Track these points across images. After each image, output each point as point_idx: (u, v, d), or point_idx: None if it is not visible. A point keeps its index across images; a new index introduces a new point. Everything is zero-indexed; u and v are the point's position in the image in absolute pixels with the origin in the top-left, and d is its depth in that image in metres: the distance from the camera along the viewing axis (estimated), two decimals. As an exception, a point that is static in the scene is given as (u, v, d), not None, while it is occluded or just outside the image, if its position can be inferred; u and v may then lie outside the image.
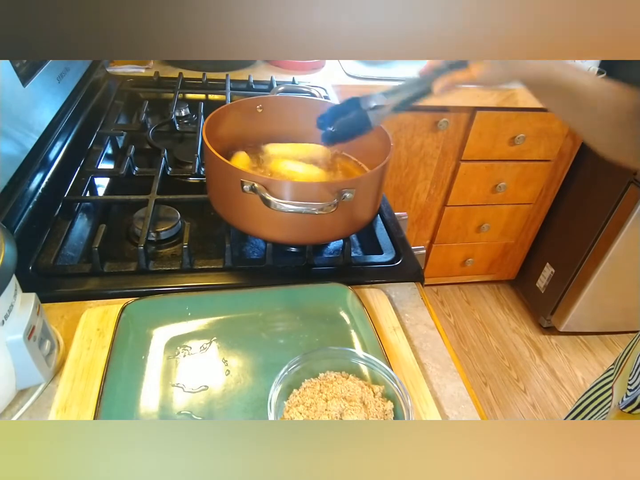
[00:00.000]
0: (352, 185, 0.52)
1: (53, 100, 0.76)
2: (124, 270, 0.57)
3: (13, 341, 0.39)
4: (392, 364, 0.49)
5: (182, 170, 0.75)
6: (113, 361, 0.45)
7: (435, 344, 0.54)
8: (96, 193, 0.71)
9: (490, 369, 1.64)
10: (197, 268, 0.58)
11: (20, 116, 0.65)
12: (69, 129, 0.80)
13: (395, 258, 0.64)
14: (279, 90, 0.79)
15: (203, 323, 0.52)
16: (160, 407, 0.44)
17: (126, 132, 0.85)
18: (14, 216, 0.60)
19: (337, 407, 0.42)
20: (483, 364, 1.66)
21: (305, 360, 0.46)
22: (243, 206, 0.55)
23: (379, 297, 0.57)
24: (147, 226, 0.59)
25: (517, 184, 1.58)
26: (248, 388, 0.46)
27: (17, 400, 0.44)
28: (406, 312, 0.58)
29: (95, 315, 0.51)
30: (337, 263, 0.62)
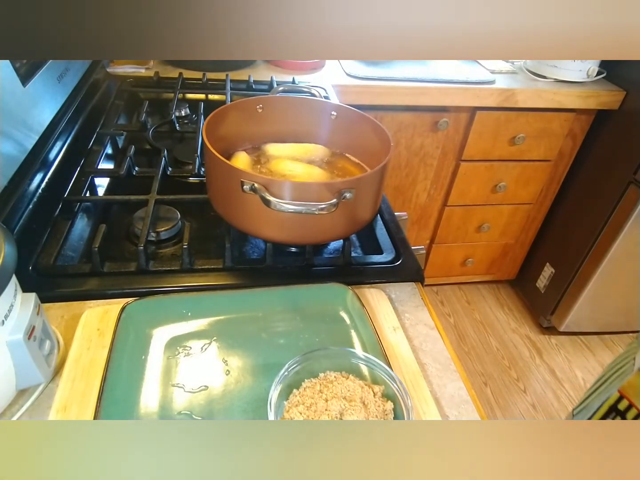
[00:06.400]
0: (352, 185, 0.52)
1: (53, 100, 0.76)
2: (124, 270, 0.57)
3: (13, 341, 0.39)
4: (392, 364, 0.49)
5: (182, 170, 0.75)
6: (113, 361, 0.45)
7: (435, 344, 0.54)
8: (96, 193, 0.71)
9: (490, 369, 1.64)
10: (197, 268, 0.58)
11: (20, 116, 0.65)
12: (69, 129, 0.80)
13: (395, 258, 0.64)
14: (279, 90, 0.79)
15: (203, 323, 0.52)
16: (160, 407, 0.44)
17: (126, 132, 0.85)
18: (14, 216, 0.60)
19: (337, 407, 0.42)
20: (483, 364, 1.66)
21: (305, 360, 0.46)
22: (243, 206, 0.55)
23: (379, 297, 0.57)
24: (147, 226, 0.59)
25: (517, 184, 1.58)
26: (248, 388, 0.46)
27: (17, 400, 0.44)
28: (406, 312, 0.58)
29: (95, 315, 0.51)
30: (337, 263, 0.62)
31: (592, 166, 1.52)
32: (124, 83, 1.04)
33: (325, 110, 0.71)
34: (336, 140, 0.72)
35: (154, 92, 1.02)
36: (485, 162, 1.50)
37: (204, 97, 1.02)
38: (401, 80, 1.27)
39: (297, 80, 1.12)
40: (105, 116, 0.89)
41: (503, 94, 1.32)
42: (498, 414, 1.50)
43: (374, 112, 1.28)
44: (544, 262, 1.74)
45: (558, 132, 1.46)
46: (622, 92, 1.39)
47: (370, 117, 0.67)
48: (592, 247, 1.52)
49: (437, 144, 1.43)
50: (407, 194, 1.55)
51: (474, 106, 1.34)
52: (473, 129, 1.40)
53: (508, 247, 1.79)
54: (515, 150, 1.48)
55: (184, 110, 0.95)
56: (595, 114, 1.46)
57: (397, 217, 0.73)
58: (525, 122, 1.42)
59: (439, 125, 1.36)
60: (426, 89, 1.27)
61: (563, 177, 1.61)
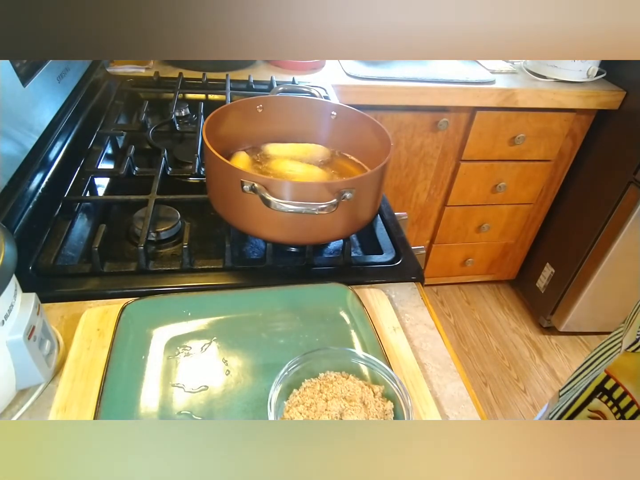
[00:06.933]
0: (352, 185, 0.52)
1: (53, 100, 0.76)
2: (124, 270, 0.57)
3: (13, 341, 0.39)
4: (392, 364, 0.49)
5: (182, 170, 0.75)
6: (113, 361, 0.45)
7: (435, 344, 0.54)
8: (96, 193, 0.71)
9: (490, 369, 1.64)
10: (197, 268, 0.58)
11: (20, 116, 0.65)
12: (69, 129, 0.80)
13: (395, 258, 0.64)
14: (279, 90, 0.79)
15: (203, 323, 0.52)
16: (160, 407, 0.44)
17: (126, 132, 0.85)
18: (14, 216, 0.60)
19: (337, 407, 0.42)
20: (483, 364, 1.66)
21: (305, 360, 0.46)
22: (243, 206, 0.55)
23: (379, 297, 0.57)
24: (147, 226, 0.59)
25: (517, 184, 1.58)
26: (248, 388, 0.46)
27: (17, 400, 0.44)
28: (406, 312, 0.58)
29: (95, 315, 0.51)
30: (337, 263, 0.62)
31: (592, 166, 1.52)
32: (124, 83, 1.03)
33: (325, 110, 0.71)
34: (336, 140, 0.72)
35: (154, 92, 1.02)
36: (485, 162, 1.50)
37: (204, 97, 1.02)
38: (401, 80, 1.27)
39: (297, 80, 1.12)
40: (105, 116, 0.89)
41: (503, 94, 1.32)
42: (498, 414, 1.50)
43: (374, 112, 1.28)
44: (544, 262, 1.74)
45: (558, 132, 1.46)
46: (622, 92, 1.39)
47: (370, 117, 0.67)
48: (592, 247, 1.52)
49: (437, 144, 1.43)
50: (407, 194, 1.55)
51: (474, 106, 1.34)
52: (473, 129, 1.40)
53: (508, 247, 1.79)
54: (515, 150, 1.48)
55: (184, 110, 0.95)
56: (595, 114, 1.46)
57: (397, 217, 0.73)
58: (525, 122, 1.42)
59: (439, 125, 1.36)
60: (426, 89, 1.27)
61: (563, 177, 1.61)
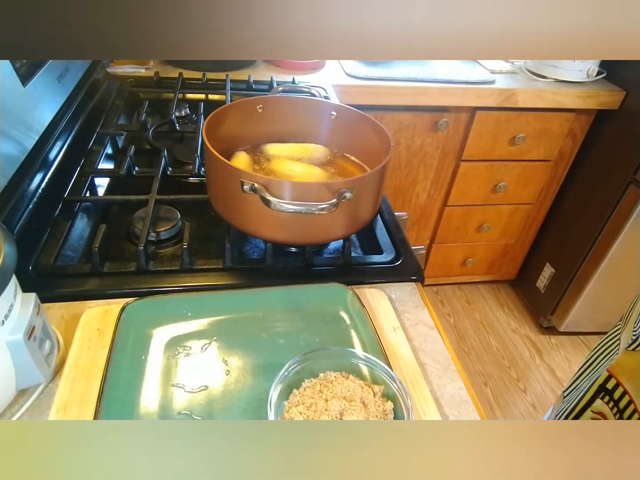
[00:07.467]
0: (352, 185, 0.52)
1: (53, 100, 0.76)
2: (124, 270, 0.57)
3: (13, 341, 0.39)
4: (392, 364, 0.49)
5: (182, 170, 0.75)
6: (113, 361, 0.45)
7: (435, 344, 0.54)
8: (96, 193, 0.71)
9: (490, 369, 1.64)
10: (197, 268, 0.58)
11: (20, 116, 0.65)
12: (69, 129, 0.80)
13: (395, 258, 0.64)
14: (279, 90, 0.79)
15: (203, 323, 0.52)
16: (160, 407, 0.44)
17: (126, 132, 0.85)
18: (14, 216, 0.60)
19: (337, 407, 0.42)
20: (483, 364, 1.66)
21: (305, 360, 0.46)
22: (243, 206, 0.55)
23: (379, 297, 0.57)
24: (147, 226, 0.59)
25: (517, 184, 1.58)
26: (248, 388, 0.46)
27: (17, 400, 0.44)
28: (406, 312, 0.58)
29: (95, 315, 0.51)
30: (337, 263, 0.62)
31: (592, 166, 1.52)
32: (124, 83, 1.03)
33: (325, 110, 0.71)
34: (336, 140, 0.72)
35: (154, 92, 1.02)
36: (485, 162, 1.50)
37: (204, 97, 1.02)
38: (401, 80, 1.27)
39: (297, 80, 1.12)
40: (105, 116, 0.89)
41: (503, 94, 1.32)
42: (498, 414, 1.50)
43: (374, 112, 1.28)
44: (544, 262, 1.74)
45: (558, 132, 1.46)
46: (622, 92, 1.39)
47: (370, 117, 0.67)
48: (592, 247, 1.52)
49: (437, 144, 1.43)
50: (407, 194, 1.55)
51: (474, 106, 1.34)
52: (473, 129, 1.40)
53: (508, 247, 1.79)
54: (515, 150, 1.48)
55: (184, 110, 0.95)
56: (595, 114, 1.46)
57: (397, 217, 0.73)
58: (525, 122, 1.42)
59: (439, 125, 1.36)
60: (426, 89, 1.27)
61: (563, 177, 1.61)
